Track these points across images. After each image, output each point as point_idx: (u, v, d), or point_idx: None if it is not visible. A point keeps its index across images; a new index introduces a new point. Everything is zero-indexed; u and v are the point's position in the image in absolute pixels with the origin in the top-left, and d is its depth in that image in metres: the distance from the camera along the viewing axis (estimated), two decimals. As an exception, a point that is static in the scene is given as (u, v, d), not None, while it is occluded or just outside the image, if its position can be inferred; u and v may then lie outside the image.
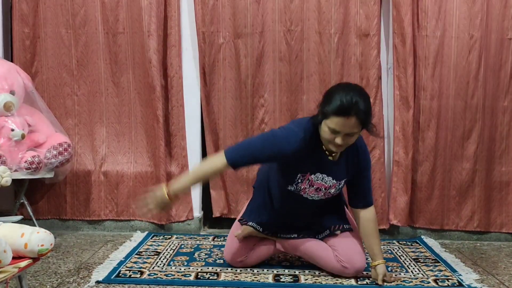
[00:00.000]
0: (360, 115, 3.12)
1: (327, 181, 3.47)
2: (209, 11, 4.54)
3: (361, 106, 3.11)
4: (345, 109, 3.10)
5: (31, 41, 4.67)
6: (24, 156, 4.14)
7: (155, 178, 4.66)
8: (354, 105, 3.09)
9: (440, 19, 4.47)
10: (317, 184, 3.47)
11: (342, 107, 3.10)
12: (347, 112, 3.10)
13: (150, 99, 4.59)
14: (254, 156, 3.34)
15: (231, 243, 3.79)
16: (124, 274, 3.61)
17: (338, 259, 3.58)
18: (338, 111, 3.11)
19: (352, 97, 3.10)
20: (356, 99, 3.10)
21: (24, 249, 2.52)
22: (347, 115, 3.10)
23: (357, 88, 3.24)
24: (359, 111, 3.11)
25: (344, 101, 3.09)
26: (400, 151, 4.59)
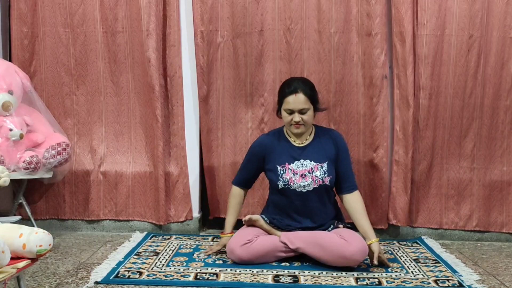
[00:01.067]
0: (306, 91, 3.82)
1: (307, 165, 3.92)
2: (208, 10, 4.53)
3: (304, 84, 3.87)
4: (292, 87, 3.83)
5: (30, 40, 4.66)
6: (23, 156, 4.12)
7: (154, 178, 4.64)
8: (298, 84, 3.85)
9: (440, 17, 4.45)
10: (299, 171, 3.91)
11: (289, 87, 3.85)
12: (294, 90, 3.81)
13: (149, 99, 4.57)
14: (244, 168, 4.14)
15: (237, 232, 4.01)
16: (123, 274, 3.59)
17: (341, 237, 3.75)
18: (288, 91, 3.83)
19: (295, 80, 3.94)
20: (299, 81, 3.91)
21: (23, 250, 2.52)
22: (295, 92, 3.81)
23: (300, 77, 4.16)
24: (304, 88, 3.83)
25: (290, 83, 3.89)
26: (400, 150, 4.57)
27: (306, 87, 3.84)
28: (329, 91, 4.59)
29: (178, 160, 4.70)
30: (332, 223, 3.97)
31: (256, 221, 3.96)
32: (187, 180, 4.72)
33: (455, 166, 4.65)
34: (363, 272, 3.71)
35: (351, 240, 3.70)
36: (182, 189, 4.70)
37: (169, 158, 4.71)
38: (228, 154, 4.73)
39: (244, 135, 4.70)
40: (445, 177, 4.66)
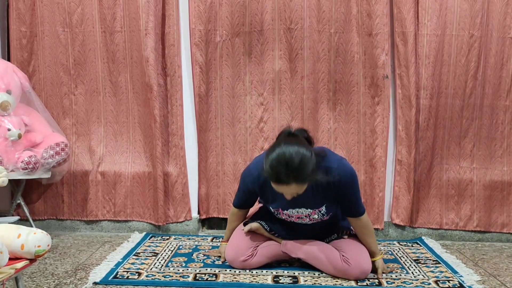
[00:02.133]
0: (299, 180, 3.15)
1: (303, 212, 3.58)
2: (207, 9, 4.52)
3: (298, 173, 3.12)
4: (282, 179, 3.14)
5: (28, 40, 4.65)
6: (21, 156, 4.11)
7: (153, 178, 4.63)
8: (290, 173, 3.11)
9: (440, 16, 4.44)
10: (294, 216, 3.63)
11: (279, 177, 3.15)
12: (285, 181, 3.15)
13: (148, 99, 4.56)
14: (239, 196, 3.83)
15: (235, 241, 3.82)
16: (121, 275, 3.58)
17: (344, 259, 3.56)
18: (276, 180, 3.18)
19: (288, 165, 3.11)
20: (292, 167, 3.11)
21: (21, 250, 2.52)
22: (285, 183, 3.15)
23: (295, 151, 3.14)
24: (297, 177, 3.13)
25: (280, 171, 3.12)
26: (402, 150, 4.58)
27: (300, 176, 3.14)
28: (329, 90, 4.59)
29: (177, 160, 4.68)
30: (336, 232, 3.80)
31: (257, 229, 3.80)
32: (186, 180, 4.71)
33: (455, 166, 4.64)
34: (366, 275, 3.68)
35: (354, 262, 3.53)
36: (181, 189, 4.69)
37: (168, 158, 4.69)
38: (227, 153, 4.72)
39: (243, 134, 4.69)
40: (445, 177, 4.65)
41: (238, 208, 3.88)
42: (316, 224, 3.67)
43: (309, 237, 3.76)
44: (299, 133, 3.38)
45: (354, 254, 3.57)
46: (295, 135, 3.34)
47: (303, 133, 3.42)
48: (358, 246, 3.64)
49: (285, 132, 3.38)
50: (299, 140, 3.25)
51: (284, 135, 3.35)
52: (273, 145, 3.25)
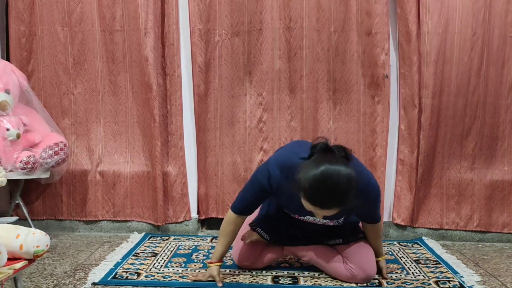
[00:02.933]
0: (341, 206, 2.96)
1: (319, 221, 3.42)
2: (206, 8, 4.51)
3: (343, 199, 2.93)
4: (324, 204, 2.95)
5: (27, 39, 4.63)
6: (20, 156, 4.10)
7: (152, 178, 4.62)
8: (336, 199, 2.92)
9: (442, 14, 4.42)
10: (310, 221, 3.46)
11: (321, 202, 2.95)
12: (327, 207, 2.96)
13: (147, 98, 4.55)
14: (244, 198, 3.42)
15: (238, 246, 3.76)
16: (120, 275, 3.57)
17: (348, 267, 3.54)
18: (317, 204, 2.96)
19: (335, 191, 2.90)
20: (338, 194, 2.91)
21: (20, 250, 2.51)
22: (327, 208, 2.97)
23: (342, 174, 2.90)
24: (341, 204, 2.95)
25: (324, 195, 2.92)
26: (405, 149, 4.58)
27: (343, 204, 2.95)
28: (329, 89, 4.58)
29: (176, 160, 4.67)
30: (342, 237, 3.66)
31: (257, 240, 3.72)
32: (186, 180, 4.70)
33: (456, 166, 4.63)
34: (371, 277, 3.67)
35: (358, 271, 3.50)
36: (180, 189, 4.68)
37: (167, 158, 4.68)
38: (226, 153, 4.70)
39: (242, 134, 4.68)
40: (446, 177, 4.64)
41: (239, 213, 3.42)
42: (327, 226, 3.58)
43: (313, 239, 3.69)
44: (336, 150, 3.04)
45: (359, 262, 3.53)
46: (333, 151, 3.04)
47: (341, 151, 3.04)
48: (363, 250, 3.57)
49: (321, 146, 3.06)
50: (340, 159, 3.00)
51: (322, 150, 3.05)
52: (310, 161, 3.00)
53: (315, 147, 3.06)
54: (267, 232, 3.69)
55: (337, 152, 3.01)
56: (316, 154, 3.02)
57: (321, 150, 3.03)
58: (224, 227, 3.48)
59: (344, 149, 3.04)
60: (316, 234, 3.66)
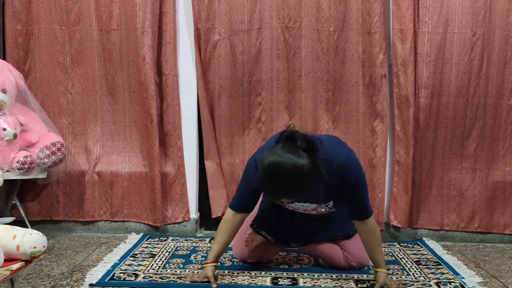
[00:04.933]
0: (291, 196, 3.04)
1: (308, 206, 3.44)
2: (205, 6, 4.48)
3: (290, 193, 2.99)
4: (274, 195, 3.05)
5: (24, 38, 4.61)
6: (16, 156, 4.08)
7: (150, 179, 4.60)
8: (280, 189, 2.95)
9: (442, 14, 4.42)
10: (301, 209, 3.47)
11: (270, 194, 3.05)
12: (275, 196, 3.07)
13: (144, 98, 4.52)
14: (240, 195, 3.42)
15: (240, 245, 3.79)
16: (118, 277, 3.56)
17: (348, 259, 3.69)
18: (268, 194, 3.09)
19: (277, 181, 2.91)
20: (281, 184, 2.92)
21: (16, 251, 2.51)
22: (275, 198, 3.10)
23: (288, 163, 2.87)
24: (289, 195, 3.02)
25: (269, 186, 2.97)
26: (401, 150, 4.54)
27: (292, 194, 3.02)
28: (328, 89, 4.55)
29: (174, 160, 4.65)
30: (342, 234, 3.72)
31: (261, 243, 3.75)
32: (184, 180, 4.68)
33: (457, 167, 4.62)
34: (363, 274, 3.67)
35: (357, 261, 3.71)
36: (179, 189, 4.66)
37: (166, 158, 4.66)
38: (224, 154, 4.68)
39: (241, 135, 4.66)
40: (447, 177, 4.63)
41: (237, 210, 3.40)
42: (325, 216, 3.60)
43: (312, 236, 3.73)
44: (300, 139, 2.96)
45: (357, 253, 3.67)
46: (295, 141, 2.97)
47: (303, 142, 2.97)
48: (360, 242, 3.54)
49: (286, 135, 3.02)
50: (296, 149, 2.94)
51: (284, 138, 3.01)
52: (269, 149, 2.99)
53: (282, 135, 3.04)
54: (271, 235, 3.72)
55: (299, 141, 2.95)
56: (279, 143, 3.00)
57: (284, 138, 3.00)
58: (221, 226, 3.47)
59: (308, 140, 2.97)
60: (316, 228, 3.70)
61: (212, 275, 3.41)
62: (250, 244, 3.72)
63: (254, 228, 3.73)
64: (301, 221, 3.66)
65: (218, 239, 3.46)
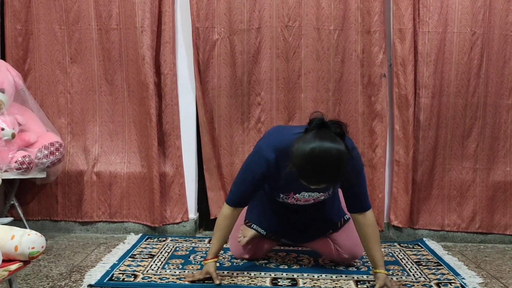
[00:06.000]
0: (332, 183, 3.15)
1: (313, 195, 3.47)
2: (204, 5, 4.46)
3: (333, 177, 3.01)
4: (314, 181, 3.02)
5: (24, 38, 4.61)
6: (15, 156, 4.07)
7: (149, 179, 4.58)
8: (325, 177, 2.99)
9: (442, 14, 4.41)
10: (303, 199, 3.49)
11: (312, 182, 3.03)
12: (317, 183, 3.04)
13: (143, 97, 4.51)
14: (242, 191, 3.40)
15: (235, 242, 3.88)
16: (117, 277, 3.55)
17: (339, 252, 3.76)
18: (308, 182, 3.03)
19: (324, 169, 2.93)
20: (328, 172, 2.95)
21: (15, 252, 2.51)
22: (317, 185, 3.06)
23: (331, 151, 2.91)
24: (331, 181, 3.06)
25: (314, 173, 2.96)
26: (400, 150, 4.53)
27: (334, 183, 3.17)
28: (328, 89, 4.53)
29: (173, 160, 4.64)
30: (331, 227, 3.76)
31: (252, 236, 3.81)
32: (183, 180, 4.67)
33: (457, 167, 4.61)
34: (363, 275, 3.66)
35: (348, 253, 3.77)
36: (178, 190, 4.65)
37: (164, 158, 4.65)
38: (224, 154, 4.66)
39: (240, 135, 4.64)
40: (447, 177, 4.61)
41: (235, 206, 3.42)
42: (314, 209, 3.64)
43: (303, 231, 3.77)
44: (332, 125, 3.01)
45: (347, 246, 3.75)
46: (328, 127, 3.02)
47: (336, 127, 3.02)
48: (351, 233, 3.62)
49: (317, 122, 3.03)
50: (332, 135, 2.98)
51: (316, 125, 3.03)
52: (305, 137, 2.99)
53: (311, 123, 3.05)
54: (262, 227, 3.78)
55: (332, 127, 3.00)
56: (311, 130, 3.01)
57: (316, 126, 3.01)
58: (220, 221, 3.47)
59: (340, 125, 3.03)
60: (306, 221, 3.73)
61: (214, 271, 3.42)
62: (242, 240, 3.79)
63: (245, 223, 3.82)
64: (289, 213, 3.70)
65: (218, 235, 3.46)
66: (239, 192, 3.41)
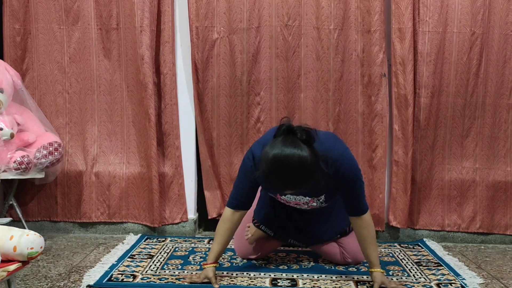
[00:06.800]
0: (295, 189, 3.08)
1: (301, 199, 3.46)
2: (203, 5, 4.45)
3: (295, 186, 3.03)
4: (276, 189, 3.18)
5: (22, 37, 4.59)
6: (13, 156, 4.06)
7: (148, 179, 4.57)
8: (286, 184, 3.02)
9: (442, 13, 4.40)
10: (292, 202, 3.50)
11: (274, 187, 3.17)
12: (279, 191, 3.19)
13: (142, 97, 4.50)
14: (239, 191, 3.44)
15: (241, 242, 3.90)
16: (116, 278, 3.54)
17: (344, 255, 3.80)
18: (271, 187, 3.19)
19: (284, 176, 2.96)
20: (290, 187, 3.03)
21: (13, 252, 2.52)
22: (279, 192, 3.20)
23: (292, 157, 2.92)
24: (293, 188, 3.06)
25: (274, 181, 3.03)
26: (399, 150, 4.51)
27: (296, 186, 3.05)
28: (328, 89, 4.51)
29: (172, 160, 4.63)
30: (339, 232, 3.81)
31: (260, 236, 3.84)
32: (182, 181, 4.66)
33: (457, 167, 4.60)
34: (363, 275, 3.64)
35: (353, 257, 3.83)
36: (177, 190, 4.64)
37: (163, 158, 4.64)
38: (223, 154, 4.65)
39: (240, 135, 4.63)
40: (447, 177, 4.60)
41: (235, 208, 3.42)
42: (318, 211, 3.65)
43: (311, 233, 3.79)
44: (299, 131, 3.04)
45: (353, 250, 3.79)
46: (294, 133, 3.03)
47: (303, 134, 3.03)
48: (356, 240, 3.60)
49: (284, 128, 3.07)
50: (297, 142, 2.99)
51: (283, 131, 3.05)
52: (271, 143, 3.03)
53: (279, 129, 3.07)
54: (270, 229, 3.81)
55: (299, 134, 3.01)
56: (279, 136, 3.04)
57: (283, 132, 3.04)
58: (220, 225, 3.48)
59: (306, 131, 3.03)
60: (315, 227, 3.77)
61: (213, 276, 3.40)
62: (250, 239, 3.81)
63: (254, 223, 3.82)
64: (296, 215, 3.71)
65: (218, 239, 3.45)
66: (237, 192, 3.44)
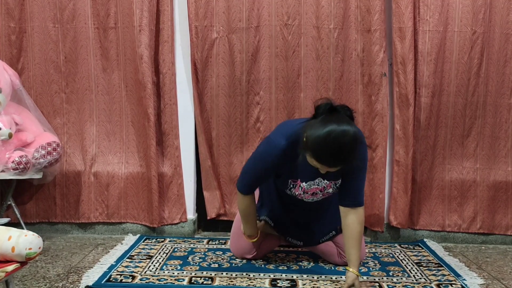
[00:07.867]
0: (348, 164, 3.08)
1: (320, 184, 3.46)
2: (202, 4, 4.43)
3: (350, 157, 3.02)
4: (331, 162, 3.04)
5: (17, 36, 4.56)
6: (12, 156, 4.05)
7: (147, 179, 4.56)
8: (343, 157, 3.01)
9: (442, 13, 4.38)
10: (311, 189, 3.48)
11: (329, 163, 3.05)
12: (333, 165, 3.06)
13: (141, 97, 4.49)
14: (252, 178, 3.55)
15: (237, 241, 3.91)
16: (115, 278, 3.54)
17: (342, 256, 3.78)
18: (325, 162, 3.05)
19: (342, 149, 2.97)
20: (345, 152, 2.98)
21: (12, 253, 2.52)
22: (333, 166, 3.07)
23: (348, 133, 2.96)
24: (347, 161, 3.04)
25: (332, 154, 2.99)
26: (400, 150, 4.50)
27: (350, 161, 3.05)
28: (328, 89, 4.50)
29: (172, 160, 4.61)
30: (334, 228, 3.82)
31: (262, 227, 3.86)
32: (182, 181, 4.64)
33: (458, 167, 4.59)
34: (363, 276, 3.64)
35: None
36: (176, 190, 4.62)
37: (163, 158, 4.62)
38: (222, 154, 4.64)
39: (239, 135, 4.61)
40: (448, 177, 4.59)
41: (248, 194, 3.59)
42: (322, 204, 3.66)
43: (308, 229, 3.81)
44: (341, 109, 3.11)
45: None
46: (338, 111, 3.09)
47: (346, 111, 3.13)
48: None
49: (326, 107, 3.08)
50: (346, 118, 3.06)
51: (328, 110, 3.07)
52: (316, 121, 3.03)
53: (319, 108, 3.10)
54: (270, 219, 3.86)
55: (342, 111, 3.09)
56: (322, 115, 3.06)
57: (326, 110, 3.07)
58: (247, 210, 3.68)
59: (349, 109, 3.14)
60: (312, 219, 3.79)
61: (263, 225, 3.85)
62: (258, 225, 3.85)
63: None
64: (297, 212, 3.74)
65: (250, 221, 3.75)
66: (251, 180, 3.56)
